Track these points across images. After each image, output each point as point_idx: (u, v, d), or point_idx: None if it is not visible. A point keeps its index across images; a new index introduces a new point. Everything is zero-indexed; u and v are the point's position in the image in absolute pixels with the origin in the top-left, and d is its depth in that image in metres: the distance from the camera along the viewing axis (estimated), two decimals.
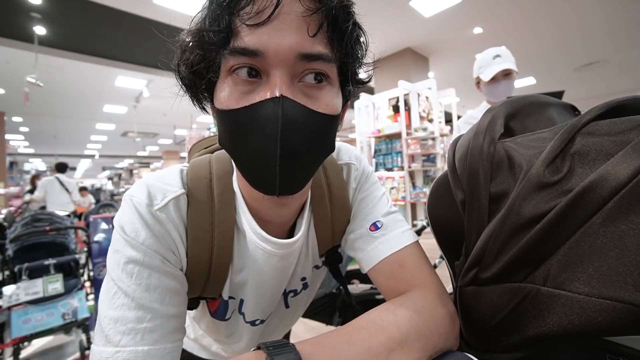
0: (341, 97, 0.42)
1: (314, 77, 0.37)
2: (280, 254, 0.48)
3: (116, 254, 0.39)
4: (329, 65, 0.37)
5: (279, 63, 0.34)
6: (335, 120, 0.40)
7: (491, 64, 1.64)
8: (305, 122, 0.35)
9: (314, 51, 0.35)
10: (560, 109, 0.50)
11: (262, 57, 0.34)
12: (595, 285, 0.30)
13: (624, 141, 0.31)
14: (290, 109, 0.34)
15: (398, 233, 0.51)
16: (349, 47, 0.38)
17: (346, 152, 0.58)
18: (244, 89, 0.36)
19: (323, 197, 0.53)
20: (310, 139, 0.37)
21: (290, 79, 0.36)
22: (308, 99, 0.36)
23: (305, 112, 0.36)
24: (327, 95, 0.38)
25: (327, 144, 0.41)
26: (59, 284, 1.90)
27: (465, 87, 7.49)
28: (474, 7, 4.95)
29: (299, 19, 0.34)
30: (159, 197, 0.42)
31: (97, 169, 22.65)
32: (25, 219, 2.23)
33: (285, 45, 0.34)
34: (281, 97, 0.34)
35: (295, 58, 0.34)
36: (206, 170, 0.48)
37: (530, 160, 0.37)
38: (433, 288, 0.46)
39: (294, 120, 0.34)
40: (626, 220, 0.28)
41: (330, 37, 0.36)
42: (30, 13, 4.20)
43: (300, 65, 0.35)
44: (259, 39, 0.34)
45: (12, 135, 11.20)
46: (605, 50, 6.69)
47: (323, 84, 0.38)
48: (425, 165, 4.74)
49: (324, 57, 0.36)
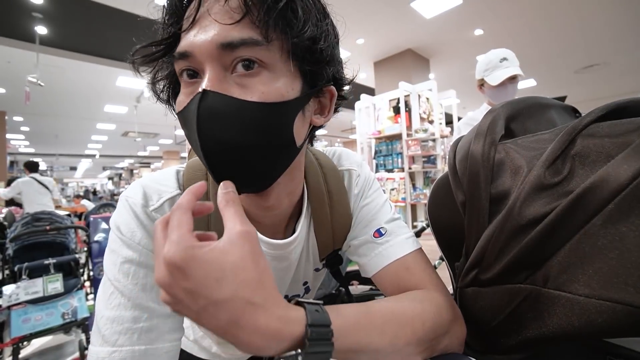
0: (299, 82, 0.38)
1: (247, 65, 0.35)
2: (274, 254, 0.48)
3: (113, 254, 0.39)
4: (258, 49, 0.34)
5: (206, 59, 0.34)
6: (282, 108, 0.36)
7: (498, 67, 1.60)
8: (232, 113, 0.34)
9: (234, 38, 0.33)
10: (560, 110, 0.50)
11: (193, 57, 0.35)
12: (596, 287, 0.30)
13: (624, 143, 0.31)
14: (210, 102, 0.33)
15: (402, 239, 0.50)
16: (282, 25, 0.35)
17: (347, 158, 0.58)
18: (188, 91, 0.37)
19: (323, 203, 0.52)
20: (243, 131, 0.34)
21: (221, 72, 0.35)
22: (242, 89, 0.35)
23: (230, 103, 0.34)
24: (264, 82, 0.35)
25: (277, 136, 0.37)
26: (59, 283, 1.90)
27: (465, 89, 7.49)
28: (475, 9, 4.96)
29: (222, 12, 0.34)
30: (155, 197, 0.42)
31: (98, 169, 22.65)
32: (26, 218, 2.23)
33: (207, 39, 0.33)
34: (202, 92, 0.33)
35: (217, 50, 0.33)
36: (202, 170, 0.47)
37: (530, 161, 0.37)
38: (441, 290, 0.46)
39: (214, 113, 0.33)
40: (627, 221, 0.28)
41: (256, 18, 0.33)
42: (32, 13, 4.21)
43: (226, 56, 0.34)
44: (188, 40, 0.34)
45: (13, 134, 11.21)
46: (606, 53, 6.70)
47: (256, 70, 0.35)
48: (425, 167, 4.74)
49: (247, 42, 0.33)
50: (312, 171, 0.53)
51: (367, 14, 5.03)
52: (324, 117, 0.44)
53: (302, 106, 0.39)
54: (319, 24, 0.38)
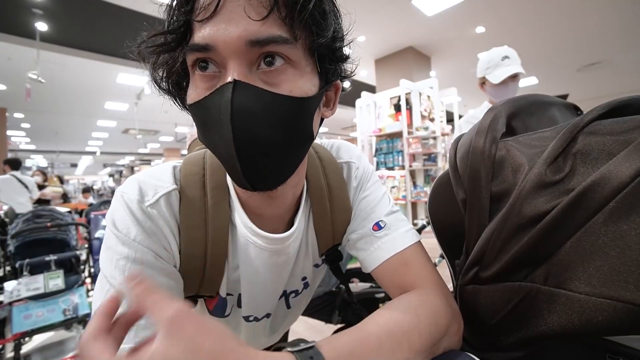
0: (317, 78, 0.39)
1: (270, 62, 0.35)
2: (272, 249, 0.48)
3: (108, 251, 0.39)
4: (286, 46, 0.34)
5: (231, 54, 0.33)
6: (307, 104, 0.37)
7: (499, 65, 1.59)
8: (265, 106, 0.34)
9: (263, 35, 0.33)
10: (562, 108, 0.50)
11: (215, 51, 0.34)
12: (596, 285, 0.30)
13: (626, 141, 0.31)
14: (244, 93, 0.33)
15: (401, 232, 0.50)
16: (309, 24, 0.35)
17: (346, 151, 0.58)
18: (205, 85, 0.36)
19: (322, 196, 0.52)
20: (273, 125, 0.34)
21: (247, 67, 0.34)
22: (268, 86, 0.35)
23: (263, 95, 0.34)
24: (290, 80, 0.36)
25: (302, 131, 0.38)
26: (60, 280, 1.90)
27: (467, 87, 7.47)
28: (477, 6, 4.93)
29: (247, 5, 0.33)
30: (150, 193, 0.42)
31: (98, 166, 22.68)
32: (27, 215, 2.23)
33: (233, 35, 0.33)
34: (233, 82, 0.33)
35: (245, 46, 0.33)
36: (199, 165, 0.47)
37: (532, 159, 0.37)
38: (439, 288, 0.46)
39: (248, 104, 0.33)
40: (628, 219, 0.28)
41: (285, 17, 0.33)
42: (32, 9, 4.19)
43: (253, 52, 0.34)
44: (209, 32, 0.33)
45: (14, 131, 11.21)
46: (608, 50, 6.66)
47: (283, 67, 0.35)
48: (426, 165, 4.74)
49: (276, 40, 0.33)
50: (311, 164, 0.52)
51: (368, 11, 5.01)
52: (331, 110, 0.45)
53: (319, 101, 0.41)
54: (338, 22, 0.39)
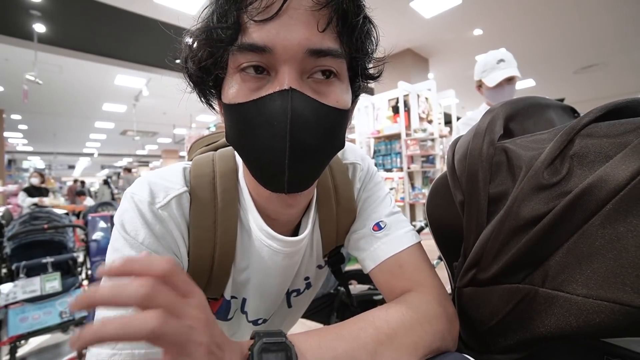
0: (350, 93, 0.41)
1: (322, 73, 0.36)
2: (286, 251, 0.48)
3: (115, 253, 0.39)
4: (338, 60, 0.36)
5: (288, 59, 0.34)
6: (345, 115, 0.40)
7: (495, 68, 1.62)
8: (316, 115, 0.35)
9: (323, 47, 0.34)
10: (559, 110, 0.50)
11: (271, 53, 0.34)
12: (593, 287, 0.30)
13: (622, 143, 0.31)
14: (299, 102, 0.34)
15: (401, 234, 0.50)
16: (359, 42, 0.37)
17: (352, 152, 0.58)
18: (252, 86, 0.36)
19: (329, 197, 0.52)
20: (320, 134, 0.36)
21: (299, 74, 0.35)
22: (317, 95, 0.36)
23: (315, 106, 0.35)
24: (337, 91, 0.37)
25: (338, 140, 0.40)
26: (57, 282, 1.89)
27: (465, 89, 7.50)
28: (475, 9, 4.95)
29: (308, 14, 0.33)
30: (161, 195, 0.42)
31: (96, 168, 22.58)
32: (24, 216, 2.22)
33: (293, 41, 0.33)
34: (290, 90, 0.34)
35: (304, 54, 0.34)
36: (209, 168, 0.47)
37: (529, 161, 0.37)
38: (431, 289, 0.46)
39: (303, 113, 0.34)
40: (624, 222, 0.28)
41: (340, 31, 0.35)
42: (30, 10, 4.18)
43: (309, 61, 0.35)
44: (267, 34, 0.33)
45: (11, 132, 11.16)
46: (604, 53, 6.71)
47: (332, 79, 0.37)
48: (424, 166, 4.74)
49: (333, 53, 0.35)
50: None
51: None
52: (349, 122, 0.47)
53: (352, 113, 0.43)
54: (375, 43, 0.41)
